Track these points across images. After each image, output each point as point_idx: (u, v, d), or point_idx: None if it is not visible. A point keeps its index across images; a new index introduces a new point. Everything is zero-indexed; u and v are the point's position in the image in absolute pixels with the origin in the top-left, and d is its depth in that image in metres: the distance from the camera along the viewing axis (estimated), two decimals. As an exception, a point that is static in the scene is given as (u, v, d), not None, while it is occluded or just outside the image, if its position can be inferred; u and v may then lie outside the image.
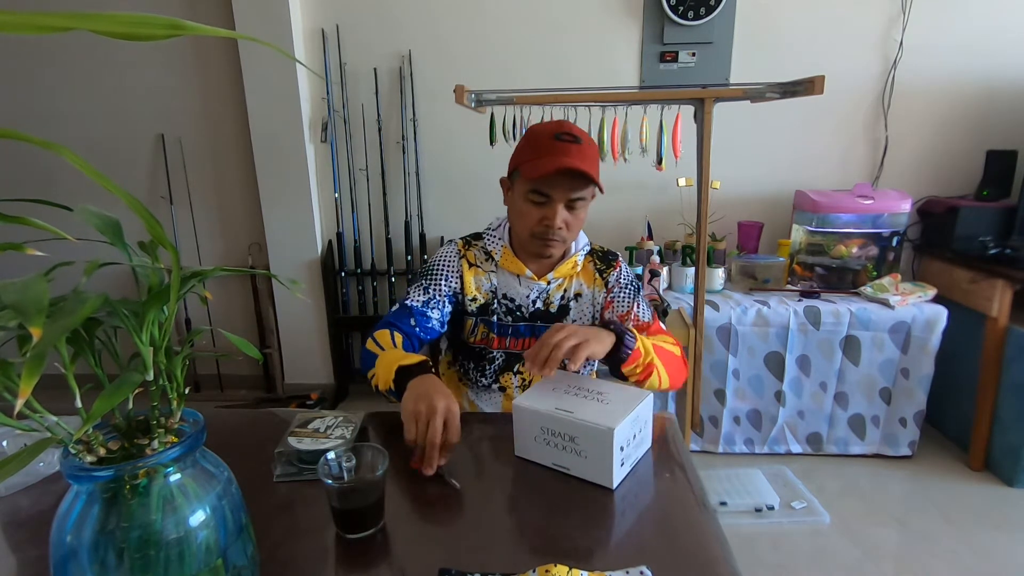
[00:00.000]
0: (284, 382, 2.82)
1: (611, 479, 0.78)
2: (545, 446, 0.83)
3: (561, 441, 0.81)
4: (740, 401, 2.18)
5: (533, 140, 1.07)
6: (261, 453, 0.85)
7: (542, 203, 1.07)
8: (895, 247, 2.25)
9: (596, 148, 1.09)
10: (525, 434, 0.85)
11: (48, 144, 0.35)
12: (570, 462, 0.81)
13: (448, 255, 1.19)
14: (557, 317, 1.19)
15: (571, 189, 1.05)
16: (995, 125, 2.35)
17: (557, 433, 0.81)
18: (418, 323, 1.13)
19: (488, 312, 1.18)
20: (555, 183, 1.04)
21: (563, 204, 1.06)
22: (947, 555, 1.68)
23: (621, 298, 1.19)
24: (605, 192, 1.11)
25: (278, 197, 2.58)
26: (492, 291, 1.18)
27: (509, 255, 1.18)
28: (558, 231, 1.07)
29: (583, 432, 0.79)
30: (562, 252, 1.17)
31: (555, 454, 0.82)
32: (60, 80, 2.59)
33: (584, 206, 1.10)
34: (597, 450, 0.78)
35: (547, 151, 1.03)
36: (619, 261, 1.23)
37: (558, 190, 1.05)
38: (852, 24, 2.32)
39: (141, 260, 0.52)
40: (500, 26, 2.43)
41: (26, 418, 0.45)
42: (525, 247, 1.15)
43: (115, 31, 0.33)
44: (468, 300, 1.18)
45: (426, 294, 1.16)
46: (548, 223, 1.07)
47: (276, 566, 0.65)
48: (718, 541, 0.69)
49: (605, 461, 0.78)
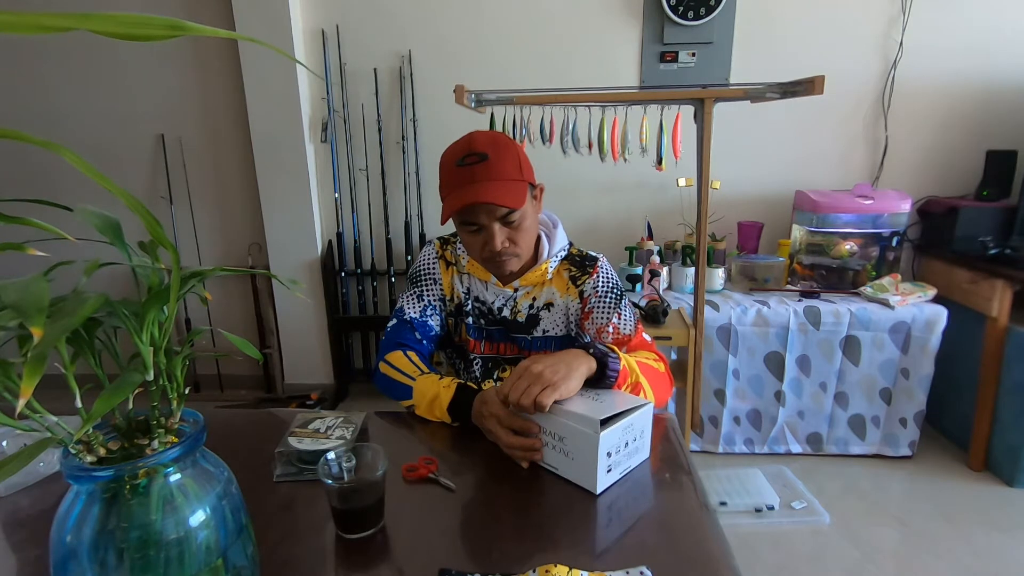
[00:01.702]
0: (284, 382, 2.82)
1: (595, 484, 0.76)
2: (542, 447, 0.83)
3: (552, 440, 0.81)
4: (740, 401, 2.18)
5: (443, 171, 1.02)
6: (261, 453, 0.85)
7: (476, 230, 1.02)
8: (895, 247, 2.25)
9: (511, 151, 1.00)
10: None
11: (48, 144, 0.35)
12: (559, 462, 0.81)
13: (428, 257, 1.18)
14: (526, 327, 1.14)
15: (493, 211, 0.98)
16: (995, 125, 2.35)
17: (547, 431, 0.81)
18: (422, 334, 1.13)
19: (463, 313, 1.16)
20: (476, 211, 0.98)
21: (498, 224, 1.00)
22: (947, 555, 1.68)
23: (600, 308, 1.11)
24: (542, 185, 1.08)
25: (278, 197, 2.58)
26: (466, 292, 1.16)
27: (473, 262, 1.13)
28: (505, 250, 1.02)
29: (571, 433, 0.78)
30: (522, 263, 1.09)
31: (547, 453, 0.83)
32: (60, 80, 2.59)
33: (523, 215, 1.01)
34: (584, 453, 0.77)
35: (456, 182, 0.98)
36: (597, 267, 1.13)
37: (482, 216, 0.99)
38: (852, 24, 2.32)
39: (141, 260, 0.52)
40: (500, 26, 2.43)
41: (26, 418, 0.45)
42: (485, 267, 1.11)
43: (115, 31, 0.33)
44: (448, 301, 1.17)
45: (420, 302, 1.15)
46: (491, 248, 1.01)
47: (276, 566, 0.65)
48: (718, 541, 0.69)
49: (590, 465, 0.76)
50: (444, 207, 1.01)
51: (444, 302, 1.17)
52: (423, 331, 1.13)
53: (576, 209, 2.57)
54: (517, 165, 1.00)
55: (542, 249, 1.14)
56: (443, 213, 1.01)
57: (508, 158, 0.99)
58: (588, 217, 2.59)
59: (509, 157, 0.99)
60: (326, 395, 2.69)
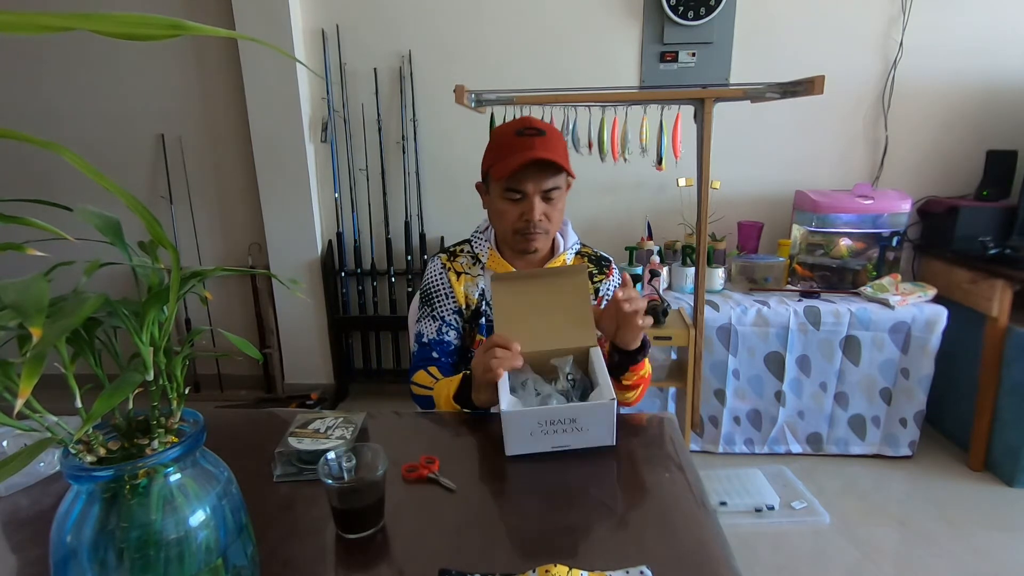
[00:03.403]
0: (284, 382, 2.82)
1: (613, 439, 0.87)
2: (543, 436, 0.86)
3: (561, 426, 0.85)
4: (740, 401, 2.18)
5: (498, 140, 1.10)
6: (261, 453, 0.85)
7: (518, 199, 1.09)
8: (895, 247, 2.25)
9: (561, 137, 1.11)
10: (518, 435, 0.86)
11: (48, 144, 0.35)
12: (570, 440, 0.87)
13: (436, 273, 1.21)
14: None
15: (542, 180, 1.07)
16: (995, 125, 2.35)
17: (557, 421, 0.85)
18: (440, 352, 1.17)
19: (479, 315, 1.19)
20: (526, 177, 1.06)
21: (539, 196, 1.08)
22: (947, 555, 1.68)
23: None
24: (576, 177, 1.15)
25: (278, 197, 2.58)
26: (480, 294, 1.19)
27: (496, 256, 1.19)
28: (539, 223, 1.09)
29: (586, 412, 0.85)
30: (547, 246, 1.17)
31: (553, 439, 0.86)
32: (60, 80, 2.59)
33: (560, 196, 1.11)
34: (599, 421, 0.85)
35: (512, 149, 1.05)
36: (612, 268, 1.23)
37: (530, 183, 1.06)
38: (852, 24, 2.32)
39: (141, 260, 0.52)
40: (500, 26, 2.43)
41: (26, 418, 0.45)
42: (510, 245, 1.16)
43: (115, 31, 0.33)
44: (464, 310, 1.19)
45: (435, 322, 1.18)
46: (528, 218, 1.08)
47: (276, 566, 0.65)
48: (718, 541, 0.69)
49: (608, 427, 0.86)
50: (499, 169, 1.06)
51: (460, 313, 1.19)
52: (440, 349, 1.18)
53: (576, 209, 2.57)
54: (566, 150, 1.12)
55: (558, 243, 1.21)
56: (496, 174, 1.07)
57: (560, 142, 1.10)
58: (588, 217, 2.59)
59: (561, 142, 1.10)
60: (326, 395, 2.69)
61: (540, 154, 1.03)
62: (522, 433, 0.86)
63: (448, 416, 1.03)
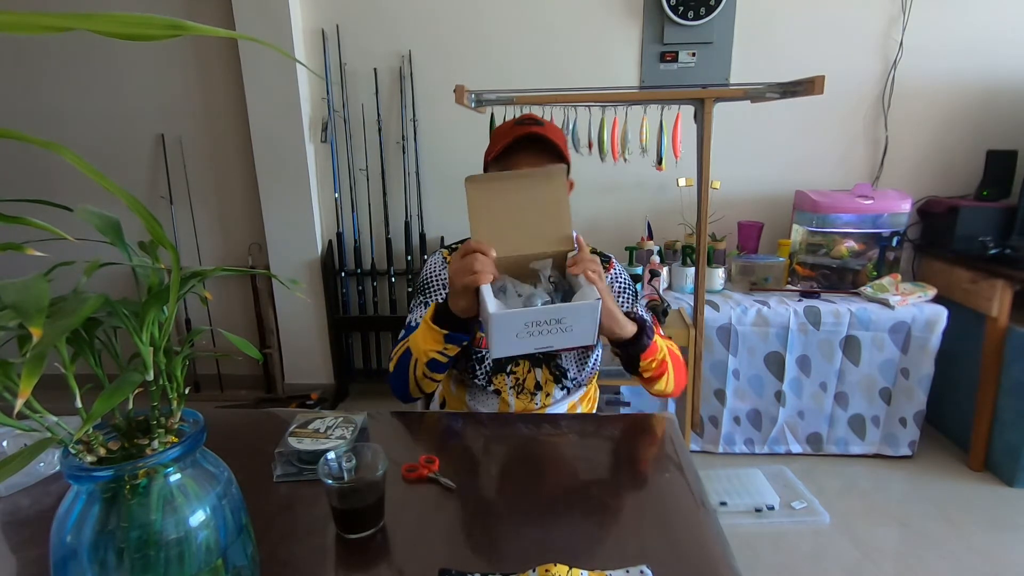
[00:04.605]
0: (284, 382, 2.82)
1: (594, 338, 0.88)
2: (528, 338, 0.85)
3: (547, 327, 0.84)
4: (740, 401, 2.18)
5: (497, 132, 1.13)
6: (261, 453, 0.85)
7: None
8: (895, 247, 2.25)
9: (561, 131, 1.12)
10: (504, 336, 0.85)
11: (48, 144, 0.35)
12: (553, 340, 0.86)
13: (435, 265, 1.20)
14: None
15: (537, 161, 1.07)
16: (995, 125, 2.35)
17: (543, 322, 0.84)
18: None
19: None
20: (520, 158, 1.07)
21: None
22: (947, 555, 1.68)
23: (620, 302, 1.16)
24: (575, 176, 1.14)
25: (278, 197, 2.58)
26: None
27: None
28: None
29: (572, 312, 0.85)
30: None
31: (538, 340, 0.85)
32: (60, 80, 2.59)
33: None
34: (583, 320, 0.85)
35: (509, 135, 1.07)
36: (613, 263, 1.21)
37: (524, 164, 1.07)
38: (852, 24, 2.32)
39: (141, 260, 0.52)
40: (500, 26, 2.43)
41: (26, 418, 0.45)
42: None
43: (115, 31, 0.33)
44: None
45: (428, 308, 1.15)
46: None
47: (276, 566, 0.65)
48: (718, 541, 0.69)
49: (591, 327, 0.86)
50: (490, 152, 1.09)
51: None
52: None
53: (576, 209, 2.52)
54: (565, 143, 1.12)
55: None
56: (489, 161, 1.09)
57: (560, 134, 1.11)
58: (588, 217, 2.59)
59: (560, 133, 1.11)
60: (326, 395, 2.69)
61: (535, 131, 1.04)
62: (508, 336, 0.85)
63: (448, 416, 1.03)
